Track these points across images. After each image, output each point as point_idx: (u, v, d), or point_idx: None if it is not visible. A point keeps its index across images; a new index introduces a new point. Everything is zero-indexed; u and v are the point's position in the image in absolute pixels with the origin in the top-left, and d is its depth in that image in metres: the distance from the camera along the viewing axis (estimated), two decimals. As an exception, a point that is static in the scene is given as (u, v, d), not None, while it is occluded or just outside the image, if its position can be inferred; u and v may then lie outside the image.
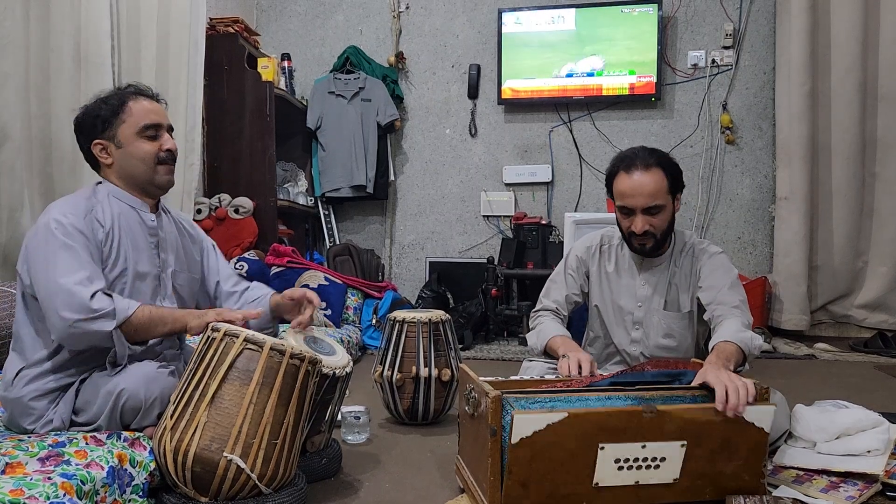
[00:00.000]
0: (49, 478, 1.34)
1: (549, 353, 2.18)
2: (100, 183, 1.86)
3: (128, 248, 1.79)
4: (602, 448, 1.56)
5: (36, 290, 1.68)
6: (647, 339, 2.23)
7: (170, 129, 1.88)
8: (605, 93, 4.75)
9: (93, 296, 1.63)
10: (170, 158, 1.86)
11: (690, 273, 2.20)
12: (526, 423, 1.51)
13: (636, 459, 1.59)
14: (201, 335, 1.68)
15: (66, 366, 1.72)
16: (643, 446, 1.58)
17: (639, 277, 2.24)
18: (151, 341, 1.81)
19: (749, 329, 1.97)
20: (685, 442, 1.59)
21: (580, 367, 1.93)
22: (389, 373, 2.45)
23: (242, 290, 2.06)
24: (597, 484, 1.59)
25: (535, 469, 1.55)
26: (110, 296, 1.67)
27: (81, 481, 1.37)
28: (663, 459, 1.60)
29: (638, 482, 1.61)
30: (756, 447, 1.64)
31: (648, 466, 1.60)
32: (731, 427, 1.60)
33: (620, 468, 1.59)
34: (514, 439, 1.50)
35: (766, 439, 1.64)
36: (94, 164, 1.86)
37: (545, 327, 2.22)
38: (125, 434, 1.63)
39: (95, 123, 1.80)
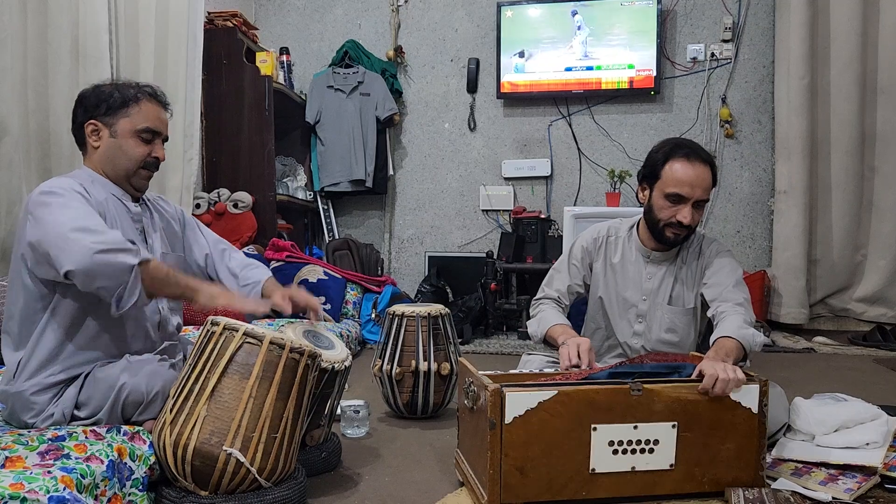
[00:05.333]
0: (49, 472, 1.34)
1: (548, 342, 2.18)
2: (80, 170, 1.85)
3: (118, 229, 1.77)
4: (595, 429, 1.60)
5: (47, 242, 1.60)
6: (650, 333, 2.23)
7: (165, 139, 1.88)
8: (604, 86, 4.74)
9: (108, 232, 1.62)
10: (154, 166, 1.86)
11: (696, 269, 2.20)
12: (518, 401, 1.56)
13: (630, 442, 1.63)
14: (201, 328, 1.68)
15: (70, 360, 1.72)
16: (635, 427, 1.62)
17: (645, 270, 2.24)
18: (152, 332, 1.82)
19: (751, 327, 1.97)
20: (676, 423, 1.64)
21: (579, 353, 1.94)
22: (389, 367, 2.46)
23: (239, 269, 2.04)
24: (593, 470, 1.61)
25: (530, 453, 1.58)
26: (131, 241, 1.66)
27: (81, 475, 1.37)
28: (657, 442, 1.64)
29: (634, 468, 1.63)
30: (748, 432, 1.67)
31: (643, 450, 1.63)
32: (718, 407, 1.66)
33: (615, 452, 1.62)
34: (508, 418, 1.54)
35: (757, 422, 1.67)
36: (81, 143, 1.85)
37: (546, 315, 2.22)
38: (125, 428, 1.63)
39: (100, 104, 1.79)
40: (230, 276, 2.03)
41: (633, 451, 1.63)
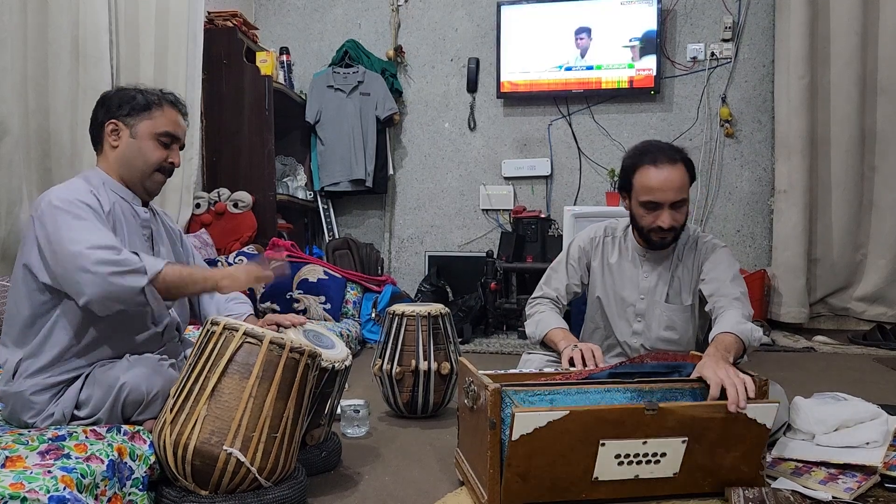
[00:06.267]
0: (49, 471, 1.34)
1: (546, 345, 2.18)
2: (92, 171, 1.85)
3: (124, 237, 1.78)
4: (603, 444, 1.56)
5: (55, 264, 1.62)
6: (649, 332, 2.23)
7: (181, 146, 1.91)
8: (604, 86, 4.74)
9: (120, 252, 1.63)
10: (169, 171, 1.89)
11: (693, 266, 2.20)
12: (527, 420, 1.51)
13: (637, 455, 1.59)
14: (201, 328, 1.68)
15: (74, 361, 1.72)
16: (644, 442, 1.58)
17: (642, 269, 2.24)
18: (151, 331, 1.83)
19: (749, 321, 1.97)
20: (686, 438, 1.59)
21: (592, 356, 1.95)
22: (389, 366, 2.46)
23: (224, 301, 2.06)
24: (596, 478, 1.59)
25: (534, 463, 1.56)
26: (136, 254, 1.66)
27: (81, 475, 1.37)
28: (664, 455, 1.60)
29: (637, 476, 1.61)
30: (757, 443, 1.64)
31: (649, 462, 1.60)
32: (733, 424, 1.60)
33: (620, 463, 1.59)
34: (515, 436, 1.51)
35: (767, 433, 1.64)
36: (97, 143, 1.85)
37: (545, 317, 2.22)
38: (125, 427, 1.63)
39: (123, 105, 1.81)
40: (211, 304, 2.06)
41: (640, 463, 1.60)
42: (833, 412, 1.92)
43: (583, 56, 4.72)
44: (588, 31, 4.71)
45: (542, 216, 4.66)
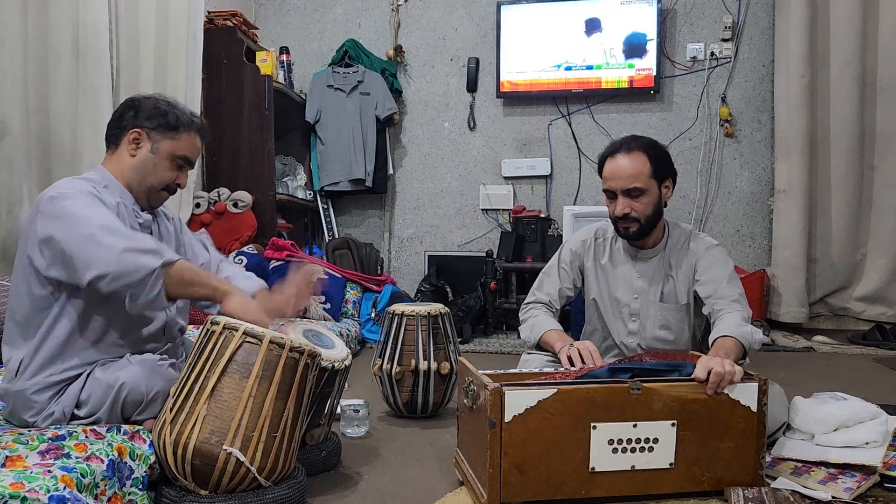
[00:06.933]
0: (49, 471, 1.34)
1: (541, 347, 2.19)
2: (95, 171, 1.85)
3: None
4: (594, 427, 1.61)
5: (69, 244, 1.60)
6: (644, 331, 2.23)
7: (192, 167, 1.93)
8: (604, 86, 4.74)
9: (136, 232, 1.64)
10: (174, 191, 1.91)
11: (687, 266, 2.20)
12: (517, 399, 1.57)
13: (629, 441, 1.63)
14: (201, 328, 1.68)
15: (73, 360, 1.71)
16: (634, 426, 1.63)
17: (634, 269, 2.24)
18: (151, 331, 1.83)
19: (748, 323, 1.97)
20: (675, 421, 1.64)
21: (590, 354, 1.95)
22: (388, 366, 2.46)
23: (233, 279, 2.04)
24: (593, 469, 1.62)
25: (530, 451, 1.58)
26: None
27: (81, 474, 1.37)
28: (656, 441, 1.64)
29: (634, 466, 1.64)
30: (748, 430, 1.67)
31: (643, 449, 1.64)
32: (717, 406, 1.66)
33: (615, 450, 1.62)
34: (507, 417, 1.55)
35: (757, 420, 1.67)
36: (113, 142, 1.84)
37: (539, 321, 2.23)
38: (125, 427, 1.63)
39: (153, 118, 1.81)
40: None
41: (633, 450, 1.63)
42: (832, 412, 1.92)
43: (588, 35, 4.70)
44: (588, 30, 4.70)
45: (542, 216, 4.66)
